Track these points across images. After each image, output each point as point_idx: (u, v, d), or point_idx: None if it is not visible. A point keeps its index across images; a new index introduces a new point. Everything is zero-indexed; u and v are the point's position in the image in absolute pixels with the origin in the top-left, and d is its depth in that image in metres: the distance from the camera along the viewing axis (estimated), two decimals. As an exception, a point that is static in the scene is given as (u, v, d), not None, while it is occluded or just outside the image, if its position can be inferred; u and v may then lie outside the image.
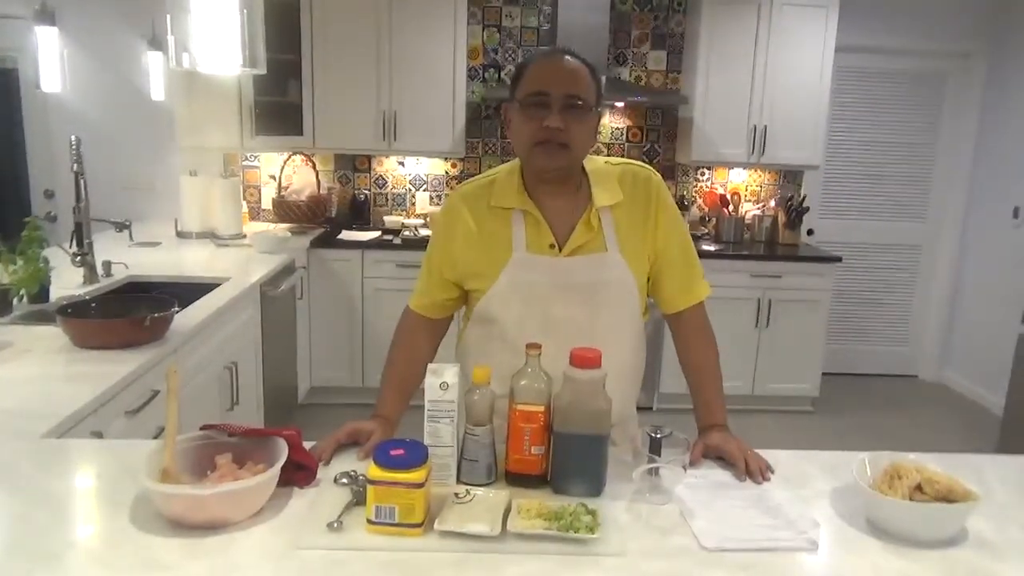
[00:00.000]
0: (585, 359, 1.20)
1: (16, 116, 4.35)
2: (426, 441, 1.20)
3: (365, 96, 4.16)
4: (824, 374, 4.38)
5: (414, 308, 1.59)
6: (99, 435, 1.67)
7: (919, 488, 1.16)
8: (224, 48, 2.18)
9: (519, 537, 1.08)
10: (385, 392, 1.52)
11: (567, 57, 1.40)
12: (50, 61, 2.85)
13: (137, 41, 4.06)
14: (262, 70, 2.42)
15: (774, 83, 4.25)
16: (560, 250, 1.45)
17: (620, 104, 4.52)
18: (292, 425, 1.29)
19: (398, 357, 1.57)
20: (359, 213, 4.55)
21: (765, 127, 4.29)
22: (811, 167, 4.48)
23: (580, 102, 1.37)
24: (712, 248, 4.30)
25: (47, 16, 2.90)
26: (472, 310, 1.54)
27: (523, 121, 1.39)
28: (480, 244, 1.48)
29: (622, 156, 4.40)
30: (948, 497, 1.14)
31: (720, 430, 1.45)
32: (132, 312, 2.13)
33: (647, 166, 1.55)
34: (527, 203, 1.46)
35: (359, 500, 1.15)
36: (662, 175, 1.57)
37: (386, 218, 4.53)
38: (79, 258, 2.74)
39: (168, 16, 2.14)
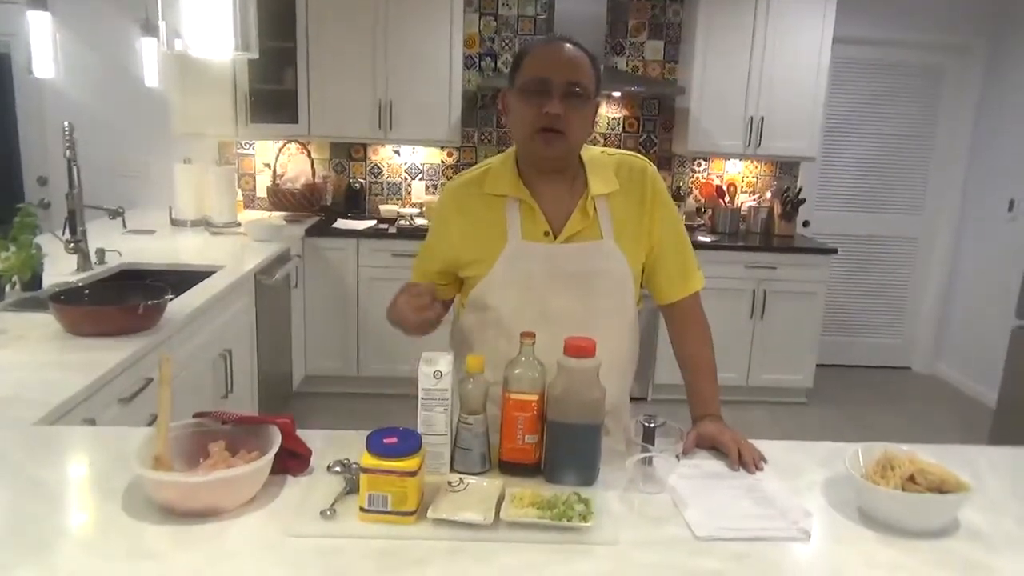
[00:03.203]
0: (579, 348, 1.20)
1: (9, 102, 4.32)
2: (419, 429, 1.20)
3: (361, 84, 4.14)
4: (818, 365, 4.39)
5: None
6: (92, 423, 1.67)
7: (912, 479, 1.16)
8: (216, 32, 2.16)
9: (512, 526, 1.08)
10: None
11: (567, 45, 1.40)
12: (43, 46, 2.81)
13: (131, 26, 4.03)
14: (255, 54, 2.41)
15: (771, 74, 4.24)
16: (555, 237, 1.45)
17: (617, 94, 4.50)
18: (286, 413, 1.29)
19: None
20: (354, 202, 4.53)
21: (762, 118, 4.28)
22: (807, 159, 4.48)
23: (580, 90, 1.37)
24: (708, 239, 4.30)
25: (39, 0, 2.86)
26: (467, 297, 1.53)
27: (523, 108, 1.39)
28: (475, 233, 1.48)
29: (618, 146, 4.40)
30: (940, 488, 1.15)
31: (714, 420, 1.46)
32: (125, 299, 2.13)
33: (643, 157, 1.55)
34: (521, 191, 1.45)
35: (352, 488, 1.15)
36: (658, 165, 1.57)
37: (381, 207, 4.52)
38: (72, 245, 2.73)
39: (160, 0, 2.13)
